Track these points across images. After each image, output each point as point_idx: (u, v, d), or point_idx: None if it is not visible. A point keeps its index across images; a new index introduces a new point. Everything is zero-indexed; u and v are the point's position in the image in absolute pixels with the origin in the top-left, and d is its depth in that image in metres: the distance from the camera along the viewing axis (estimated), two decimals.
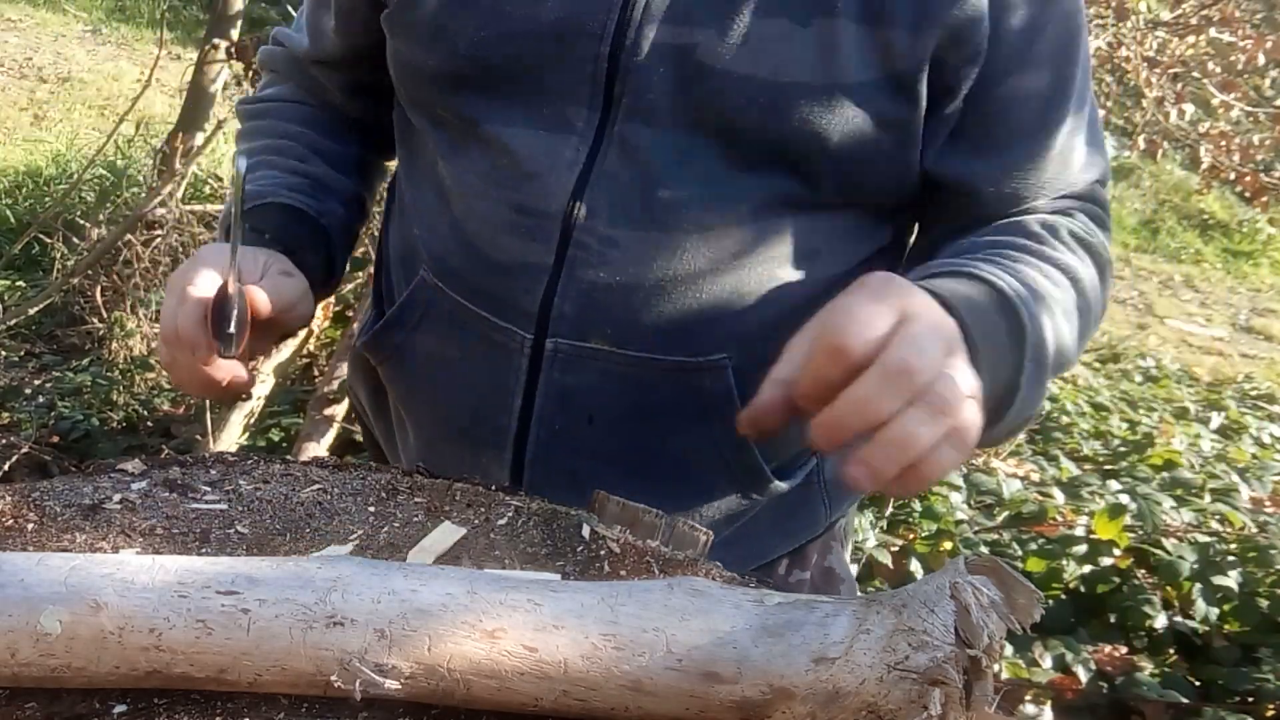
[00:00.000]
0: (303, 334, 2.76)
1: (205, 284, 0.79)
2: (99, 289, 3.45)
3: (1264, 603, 2.30)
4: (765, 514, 0.95)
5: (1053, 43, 0.82)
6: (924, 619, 0.51)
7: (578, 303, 0.84)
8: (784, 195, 0.83)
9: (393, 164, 1.06)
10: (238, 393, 0.83)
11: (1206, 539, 2.50)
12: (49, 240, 3.64)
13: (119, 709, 0.54)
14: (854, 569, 1.10)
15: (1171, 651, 2.28)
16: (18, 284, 3.74)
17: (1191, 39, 4.52)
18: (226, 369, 0.80)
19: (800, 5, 0.78)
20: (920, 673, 0.50)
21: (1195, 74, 4.79)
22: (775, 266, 0.85)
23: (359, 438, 2.65)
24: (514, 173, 0.84)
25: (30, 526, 0.66)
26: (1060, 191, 0.87)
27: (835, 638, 0.53)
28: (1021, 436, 3.45)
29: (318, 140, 1.01)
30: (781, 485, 0.92)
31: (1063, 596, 2.39)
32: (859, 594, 1.10)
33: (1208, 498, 2.80)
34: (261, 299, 0.80)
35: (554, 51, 0.81)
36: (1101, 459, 3.34)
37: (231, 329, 0.77)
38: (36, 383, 3.19)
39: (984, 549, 2.43)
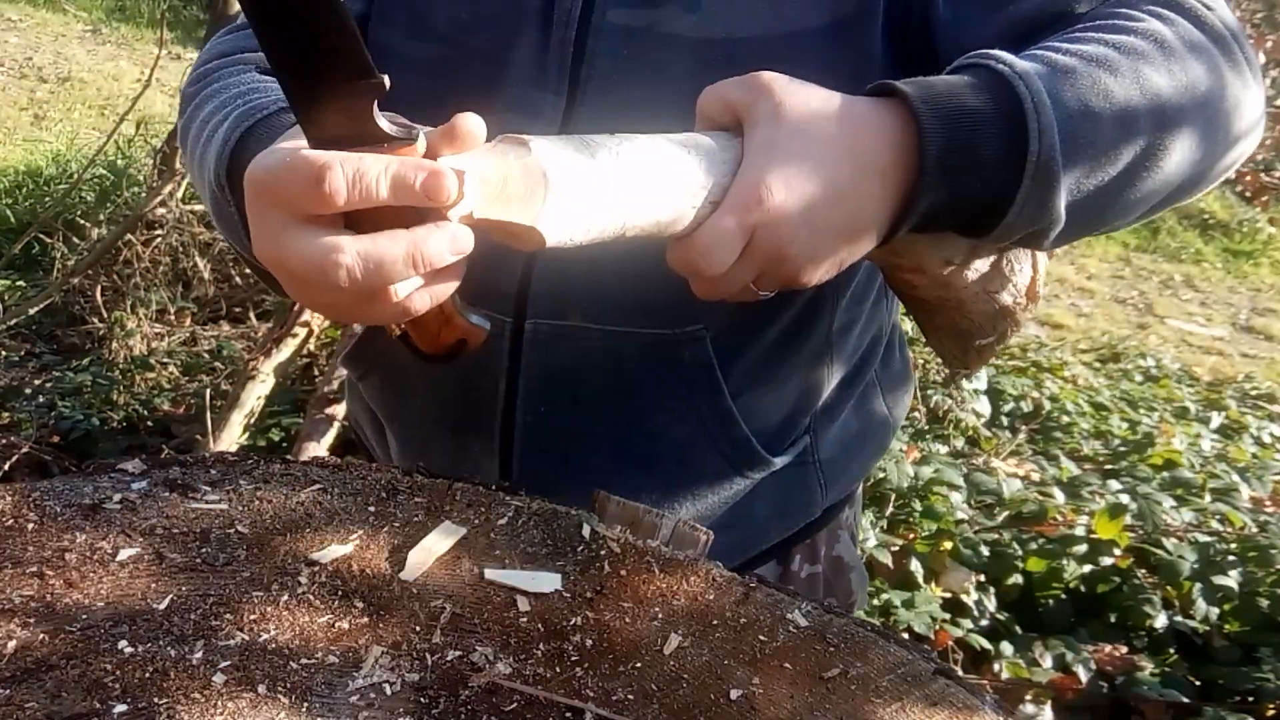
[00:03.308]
0: (302, 334, 2.75)
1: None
2: (99, 289, 3.45)
3: (1264, 602, 2.30)
4: (761, 495, 0.94)
5: None
6: None
7: (553, 281, 0.84)
8: None
9: None
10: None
11: (1206, 539, 2.50)
12: (49, 240, 3.65)
13: (119, 709, 0.53)
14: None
15: (1171, 651, 2.28)
16: (18, 284, 3.74)
17: None
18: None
19: None
20: None
21: None
22: None
23: None
24: None
25: (30, 526, 0.66)
26: None
27: None
28: (1021, 436, 3.44)
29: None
30: (773, 460, 0.92)
31: (1063, 596, 2.39)
32: (867, 581, 1.10)
33: (1208, 497, 2.81)
34: None
35: (533, 35, 0.81)
36: (1101, 459, 3.34)
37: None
38: (36, 383, 3.19)
39: (984, 549, 2.43)
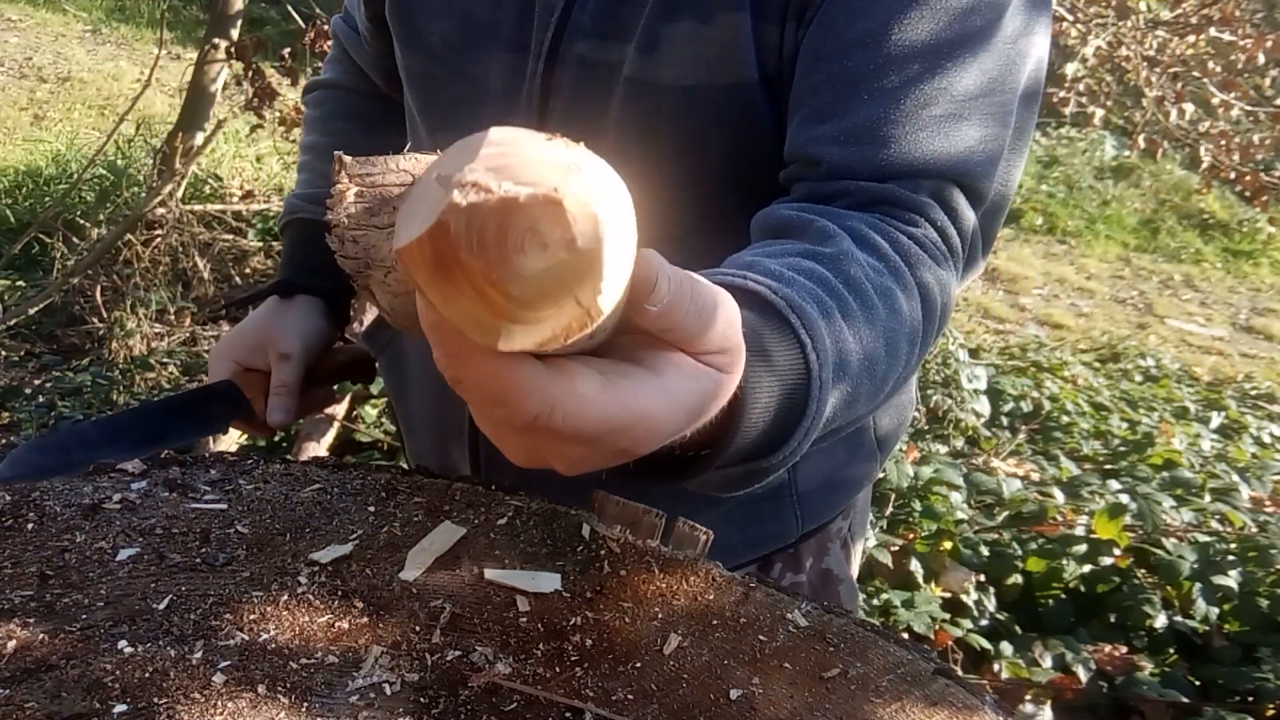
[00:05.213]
0: None
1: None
2: (99, 289, 3.46)
3: (1264, 602, 2.30)
4: (732, 523, 0.93)
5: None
6: None
7: None
8: (708, 201, 0.81)
9: None
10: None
11: (1206, 539, 2.50)
12: (49, 240, 3.65)
13: (119, 709, 0.53)
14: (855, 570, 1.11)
15: (1171, 651, 2.28)
16: (18, 284, 3.74)
17: (1191, 38, 4.53)
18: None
19: (702, 2, 0.76)
20: None
21: (1195, 73, 4.80)
22: (697, 265, 0.82)
23: (359, 437, 2.65)
24: None
25: (30, 526, 0.66)
26: (908, 171, 0.70)
27: None
28: (1021, 436, 3.45)
29: (354, 134, 1.10)
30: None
31: (1063, 596, 2.39)
32: (859, 595, 1.10)
33: (1208, 497, 2.81)
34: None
35: (509, 62, 0.84)
36: (1101, 459, 3.34)
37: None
38: (36, 383, 3.19)
39: (984, 549, 2.43)
